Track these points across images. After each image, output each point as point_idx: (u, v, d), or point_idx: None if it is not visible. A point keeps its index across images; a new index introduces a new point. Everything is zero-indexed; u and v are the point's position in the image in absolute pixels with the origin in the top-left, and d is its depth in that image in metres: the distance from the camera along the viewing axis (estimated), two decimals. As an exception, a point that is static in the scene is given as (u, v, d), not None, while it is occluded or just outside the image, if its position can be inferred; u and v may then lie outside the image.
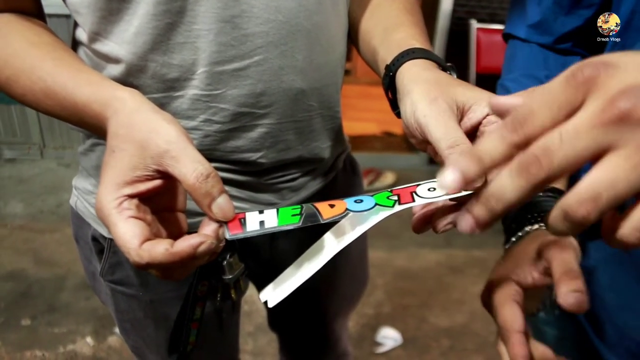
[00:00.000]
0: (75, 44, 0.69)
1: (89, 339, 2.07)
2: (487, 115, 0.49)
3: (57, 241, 2.64)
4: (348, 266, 0.98)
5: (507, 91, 0.71)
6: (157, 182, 0.45)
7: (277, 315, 1.08)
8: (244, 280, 0.81)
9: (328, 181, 0.83)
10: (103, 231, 0.73)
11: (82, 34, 0.65)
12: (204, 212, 0.44)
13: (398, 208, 0.46)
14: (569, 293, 0.44)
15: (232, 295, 0.79)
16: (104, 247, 0.75)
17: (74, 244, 0.84)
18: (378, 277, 2.49)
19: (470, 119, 0.49)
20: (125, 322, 0.82)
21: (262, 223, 0.44)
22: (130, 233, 0.42)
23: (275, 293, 0.47)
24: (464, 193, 0.46)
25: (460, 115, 0.50)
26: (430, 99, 0.50)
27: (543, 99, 0.35)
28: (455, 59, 3.38)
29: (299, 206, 0.46)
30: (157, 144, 0.44)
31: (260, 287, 0.97)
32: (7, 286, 2.33)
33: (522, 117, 0.35)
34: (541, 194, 0.59)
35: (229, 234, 0.44)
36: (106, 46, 0.62)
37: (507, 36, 0.80)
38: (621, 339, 0.70)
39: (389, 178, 3.40)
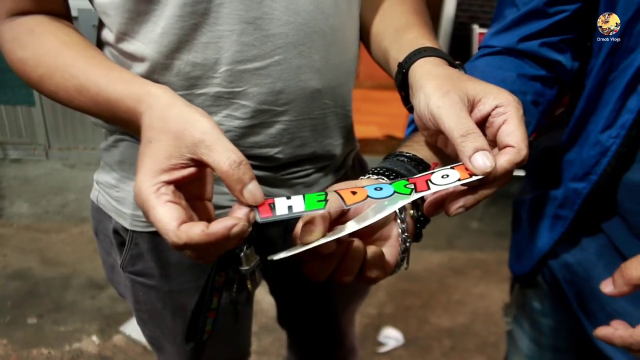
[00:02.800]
0: (100, 44, 0.72)
1: (94, 338, 2.09)
2: (496, 107, 0.52)
3: (62, 241, 2.66)
4: None
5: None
6: (191, 170, 0.48)
7: (287, 311, 1.10)
8: (259, 273, 0.84)
9: (339, 178, 0.86)
10: (125, 223, 0.76)
11: (108, 34, 0.68)
12: (236, 197, 0.47)
13: (415, 196, 0.49)
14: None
15: (248, 286, 0.82)
16: (125, 240, 0.78)
17: (79, 244, 0.87)
18: (380, 278, 2.51)
19: (480, 111, 0.53)
20: (144, 312, 0.84)
21: (290, 208, 0.47)
22: (169, 216, 0.45)
23: (282, 253, 0.49)
24: (474, 178, 0.49)
25: (471, 107, 0.53)
26: (442, 92, 0.53)
27: None
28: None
29: (324, 193, 0.49)
30: (192, 134, 0.47)
31: (271, 283, 1.00)
32: (14, 285, 2.36)
33: None
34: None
35: (260, 217, 0.47)
36: (133, 45, 0.65)
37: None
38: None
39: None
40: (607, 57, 0.64)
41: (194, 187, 0.51)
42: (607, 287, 0.54)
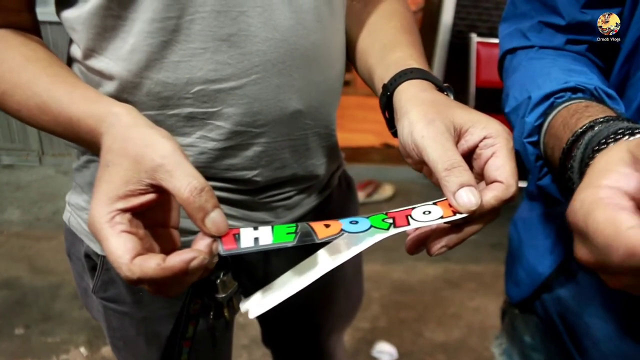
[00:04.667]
0: (70, 61, 0.69)
1: (82, 349, 2.06)
2: (484, 138, 0.49)
3: (53, 249, 2.62)
4: (343, 283, 0.97)
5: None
6: (150, 197, 0.45)
7: (271, 331, 1.07)
8: (238, 299, 0.81)
9: (323, 198, 0.83)
10: (96, 248, 0.73)
11: (76, 51, 0.65)
12: (198, 226, 0.44)
13: (393, 231, 0.47)
14: None
15: (225, 314, 0.78)
16: (97, 264, 0.74)
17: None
18: (374, 290, 2.48)
19: (467, 142, 0.50)
20: (117, 339, 0.81)
21: (256, 240, 0.44)
22: (122, 247, 0.42)
23: (258, 305, 0.47)
24: (458, 217, 0.46)
25: (457, 137, 0.50)
26: (427, 120, 0.50)
27: None
28: (455, 72, 3.38)
29: (294, 225, 0.46)
30: (151, 158, 0.44)
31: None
32: (2, 294, 2.32)
33: None
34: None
35: (223, 249, 0.44)
36: (101, 62, 0.62)
37: (507, 54, 0.76)
38: None
39: (387, 190, 3.39)
40: (624, 63, 0.61)
41: (157, 213, 0.48)
42: None
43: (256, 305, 0.47)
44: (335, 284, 0.95)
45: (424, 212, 0.48)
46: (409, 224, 0.47)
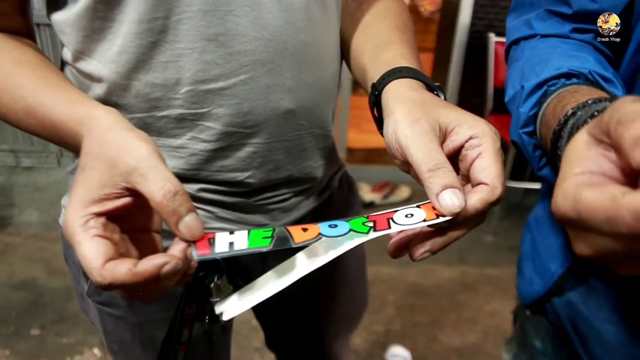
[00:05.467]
0: (62, 64, 0.68)
1: (96, 350, 2.07)
2: (470, 138, 0.47)
3: (68, 251, 2.64)
4: (346, 287, 0.95)
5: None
6: (126, 200, 0.44)
7: (275, 335, 1.06)
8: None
9: (322, 201, 0.81)
10: None
11: (67, 53, 0.64)
12: (172, 231, 0.43)
13: (373, 235, 0.45)
14: None
15: (221, 319, 0.77)
16: None
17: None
18: (389, 293, 2.46)
19: (452, 142, 0.48)
20: (113, 343, 0.80)
21: (231, 244, 0.43)
22: (94, 252, 0.41)
23: (234, 307, 0.46)
24: (442, 219, 0.44)
25: (443, 137, 0.48)
26: (412, 120, 0.48)
27: None
28: (473, 73, 3.35)
29: (271, 229, 0.45)
30: (126, 161, 0.43)
31: (255, 309, 0.96)
32: (19, 295, 2.34)
33: None
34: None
35: (197, 254, 0.43)
36: (90, 65, 0.62)
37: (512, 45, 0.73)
38: None
39: (404, 192, 3.36)
40: (635, 53, 0.58)
41: (137, 218, 0.47)
42: None
43: (231, 307, 0.46)
44: (338, 287, 0.93)
45: (406, 215, 0.46)
46: (389, 227, 0.45)
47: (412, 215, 0.46)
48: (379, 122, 0.59)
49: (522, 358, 0.85)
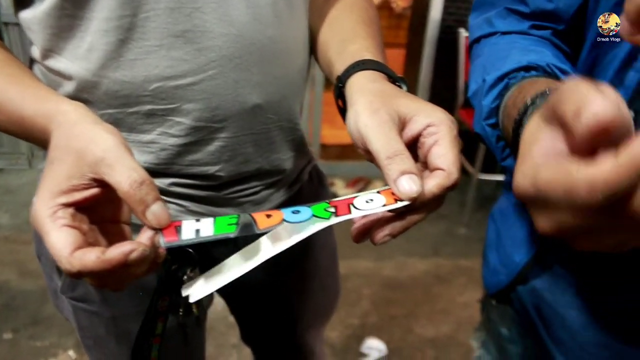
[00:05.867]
0: (31, 62, 0.69)
1: (71, 352, 2.05)
2: (428, 126, 0.49)
3: (42, 252, 2.62)
4: (317, 277, 0.97)
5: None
6: (94, 191, 0.45)
7: (249, 328, 1.07)
8: (207, 295, 0.81)
9: (292, 193, 0.82)
10: None
11: (36, 51, 0.65)
12: (140, 219, 0.44)
13: (334, 220, 0.47)
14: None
15: (194, 310, 0.78)
16: None
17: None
18: (365, 287, 2.48)
19: (411, 130, 0.50)
20: (88, 338, 0.81)
21: (197, 231, 0.44)
22: (63, 241, 0.42)
23: (200, 289, 0.47)
24: (400, 204, 0.46)
25: (402, 126, 0.50)
26: (372, 110, 0.50)
27: None
28: (445, 67, 3.39)
29: (236, 215, 0.47)
30: (93, 153, 0.44)
31: (229, 301, 0.97)
32: (-9, 298, 2.32)
33: None
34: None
35: (164, 241, 0.44)
36: (59, 62, 0.62)
37: (474, 43, 0.76)
38: (587, 356, 0.69)
39: (378, 186, 3.37)
40: (591, 50, 0.60)
41: (106, 209, 0.48)
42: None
43: (198, 289, 0.47)
44: (309, 278, 0.95)
45: (366, 201, 0.48)
46: (350, 212, 0.47)
47: (372, 200, 0.48)
48: (344, 113, 0.61)
49: (489, 345, 0.88)
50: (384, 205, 0.46)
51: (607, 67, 0.57)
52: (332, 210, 0.48)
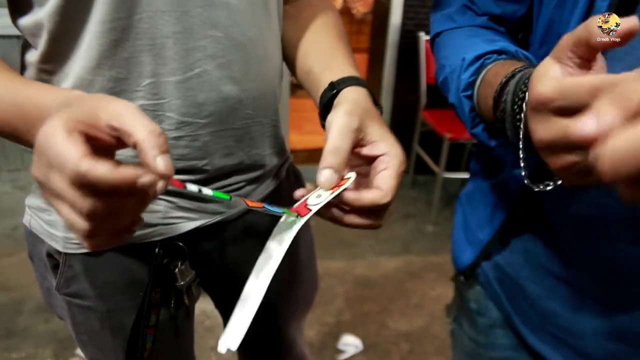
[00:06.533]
0: (23, 66, 0.72)
1: (49, 362, 2.06)
2: (384, 154, 0.60)
3: (13, 265, 2.60)
4: (297, 271, 1.02)
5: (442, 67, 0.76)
6: (108, 138, 0.46)
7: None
8: (196, 287, 0.85)
9: (272, 189, 0.87)
10: (58, 246, 0.76)
11: (33, 55, 0.68)
12: (148, 164, 0.44)
13: (302, 221, 0.55)
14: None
15: (185, 301, 0.82)
16: (59, 262, 0.77)
17: (30, 268, 0.86)
18: (338, 285, 2.54)
19: (371, 151, 0.60)
20: (82, 334, 0.84)
21: (200, 190, 0.49)
22: (74, 144, 0.42)
23: (235, 331, 0.52)
24: (338, 191, 0.56)
25: (361, 143, 0.60)
26: (348, 114, 0.59)
27: None
28: (406, 71, 3.45)
29: (229, 195, 0.54)
30: (114, 106, 0.46)
31: (214, 295, 1.01)
32: (-37, 313, 2.30)
33: None
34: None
35: (169, 185, 0.45)
36: (58, 63, 0.67)
37: (436, 37, 0.83)
38: (543, 324, 0.76)
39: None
40: (540, 46, 0.68)
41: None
42: (586, 125, 0.38)
43: (233, 332, 0.51)
44: (291, 270, 1.00)
45: (316, 197, 0.57)
46: (310, 210, 0.55)
47: (320, 195, 0.57)
48: (323, 114, 0.69)
49: (462, 320, 0.94)
50: (331, 194, 0.56)
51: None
52: (295, 214, 0.56)
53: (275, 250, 0.54)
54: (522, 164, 0.55)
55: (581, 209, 0.65)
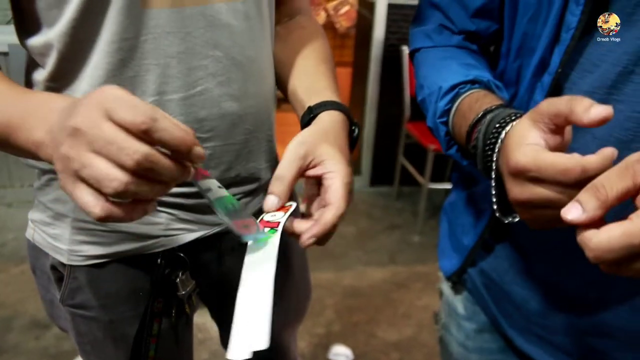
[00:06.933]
0: (28, 84, 0.75)
1: (40, 379, 2.05)
2: (331, 172, 0.64)
3: (2, 281, 2.59)
4: (290, 280, 1.05)
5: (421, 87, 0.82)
6: None
7: (228, 332, 1.13)
8: (196, 297, 0.88)
9: None
10: (63, 259, 0.79)
11: (40, 74, 0.72)
12: (185, 152, 0.48)
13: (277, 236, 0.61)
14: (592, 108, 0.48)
15: (187, 310, 0.85)
16: (63, 275, 0.80)
17: (20, 284, 0.89)
18: (327, 297, 2.56)
19: (316, 171, 0.65)
20: (86, 344, 0.86)
21: (220, 187, 0.57)
22: (142, 102, 0.47)
23: (260, 327, 0.51)
24: (290, 212, 0.63)
25: (310, 165, 0.65)
26: (297, 142, 0.66)
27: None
28: (389, 83, 3.49)
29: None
30: (147, 105, 0.48)
31: (211, 306, 1.04)
32: (-47, 330, 2.29)
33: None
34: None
35: (198, 172, 0.54)
36: (66, 82, 0.70)
37: (415, 52, 0.89)
38: (529, 325, 0.80)
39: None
40: (515, 58, 0.73)
41: None
42: (571, 213, 0.45)
43: (260, 328, 0.52)
44: (284, 278, 1.03)
45: (271, 215, 0.64)
46: (279, 222, 0.62)
47: (274, 214, 0.63)
48: None
49: (449, 325, 0.98)
50: (284, 215, 0.63)
51: (526, 71, 0.71)
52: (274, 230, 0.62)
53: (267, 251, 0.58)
54: (493, 199, 0.62)
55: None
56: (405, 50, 3.17)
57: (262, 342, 0.49)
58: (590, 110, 0.47)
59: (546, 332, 0.78)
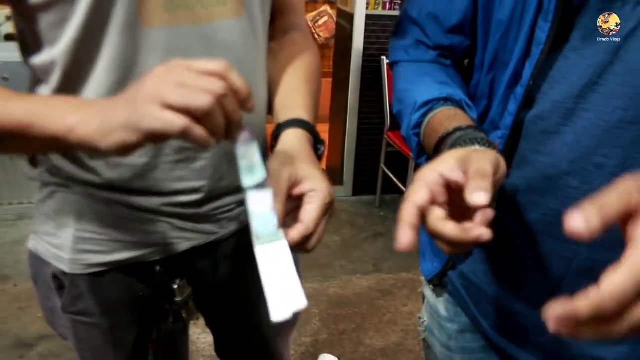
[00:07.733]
0: None
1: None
2: (311, 190, 0.66)
3: (-13, 300, 2.58)
4: None
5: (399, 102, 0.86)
6: None
7: (225, 339, 1.15)
8: (192, 304, 0.91)
9: None
10: (65, 268, 0.81)
11: (44, 90, 0.74)
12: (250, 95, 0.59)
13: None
14: (475, 190, 0.54)
15: (184, 315, 0.88)
16: (64, 283, 0.82)
17: (3, 303, 0.91)
18: (313, 306, 2.58)
19: (300, 189, 0.67)
20: (86, 350, 0.88)
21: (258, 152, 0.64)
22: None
23: (290, 302, 0.57)
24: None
25: (295, 184, 0.67)
26: (279, 163, 0.68)
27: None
28: (370, 93, 3.54)
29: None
30: None
31: (206, 313, 1.06)
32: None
33: None
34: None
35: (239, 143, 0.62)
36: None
37: (394, 64, 0.93)
38: (507, 325, 0.83)
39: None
40: (489, 71, 0.78)
41: None
42: (575, 221, 0.43)
43: (292, 302, 0.58)
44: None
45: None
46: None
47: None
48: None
49: (432, 327, 1.01)
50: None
51: (499, 83, 0.76)
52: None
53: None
54: None
55: (533, 216, 0.73)
56: (385, 60, 3.23)
57: (301, 302, 0.57)
58: (473, 195, 0.53)
59: (524, 331, 0.81)
